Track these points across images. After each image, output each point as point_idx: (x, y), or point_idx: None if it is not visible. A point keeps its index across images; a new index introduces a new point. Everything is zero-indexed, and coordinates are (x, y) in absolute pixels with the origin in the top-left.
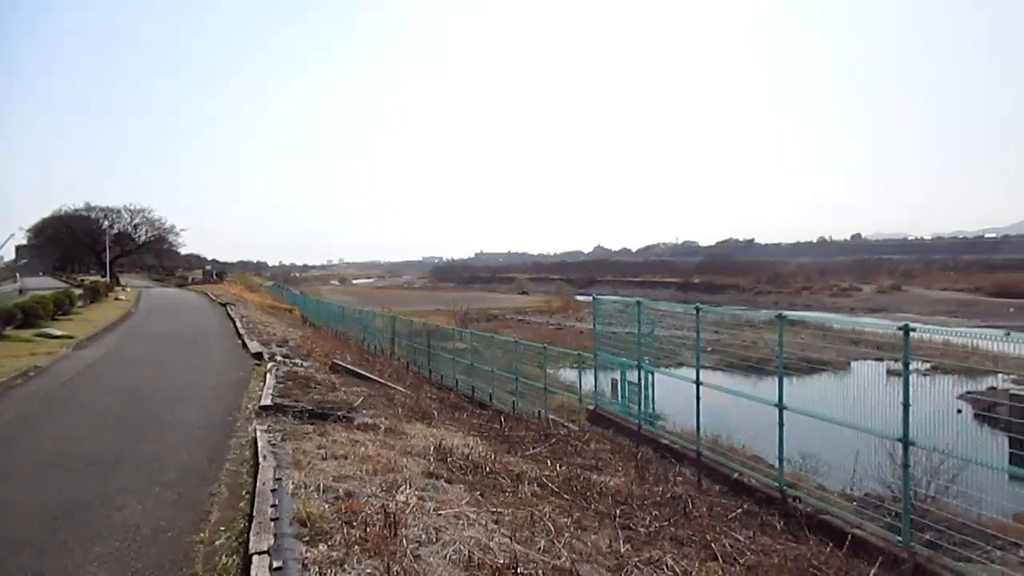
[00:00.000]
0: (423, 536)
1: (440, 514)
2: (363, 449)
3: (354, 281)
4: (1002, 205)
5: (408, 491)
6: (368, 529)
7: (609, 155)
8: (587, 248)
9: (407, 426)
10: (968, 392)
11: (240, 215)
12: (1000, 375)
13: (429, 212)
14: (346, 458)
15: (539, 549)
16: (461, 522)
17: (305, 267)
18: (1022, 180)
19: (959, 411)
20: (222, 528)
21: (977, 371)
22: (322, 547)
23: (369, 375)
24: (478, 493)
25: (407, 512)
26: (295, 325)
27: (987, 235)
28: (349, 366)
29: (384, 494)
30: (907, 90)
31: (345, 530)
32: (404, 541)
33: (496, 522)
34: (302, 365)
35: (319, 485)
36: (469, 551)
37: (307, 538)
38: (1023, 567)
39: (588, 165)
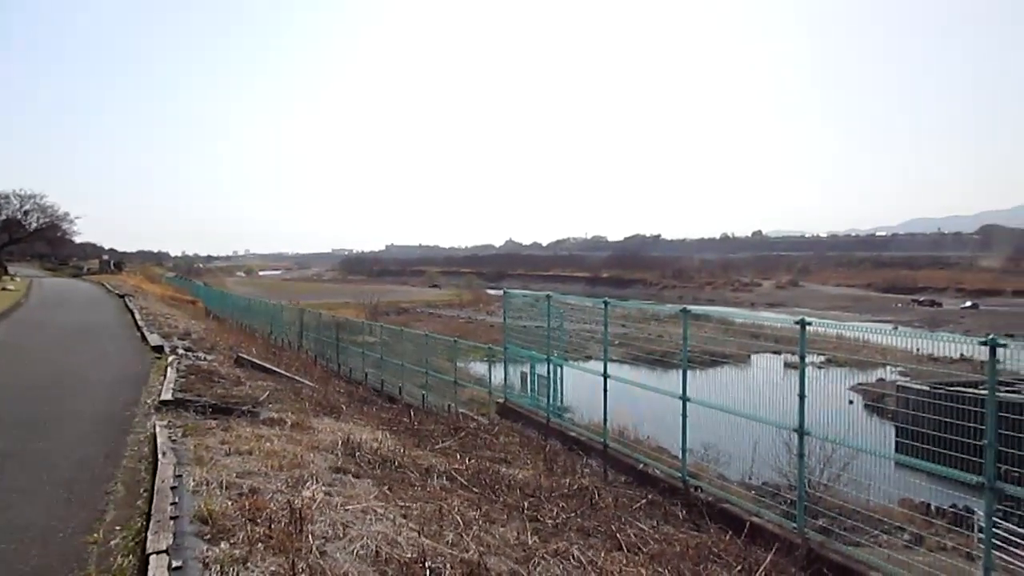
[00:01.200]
0: (330, 532)
1: (347, 509)
2: (269, 444)
3: (261, 273)
4: (893, 205)
5: (315, 486)
6: (273, 526)
7: (521, 150)
8: (498, 242)
9: (315, 421)
10: (859, 384)
11: (140, 203)
12: (888, 368)
13: (339, 204)
14: (251, 454)
15: (447, 543)
16: (369, 517)
17: (209, 258)
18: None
19: (851, 402)
20: (118, 527)
21: (868, 364)
22: (224, 545)
23: (276, 369)
24: (386, 487)
25: (313, 508)
26: (198, 317)
27: (878, 233)
28: (255, 360)
29: (290, 490)
30: (805, 94)
31: (249, 527)
32: (310, 537)
33: (405, 516)
34: (205, 359)
35: (222, 482)
36: (377, 546)
37: (208, 536)
38: (907, 550)
39: (500, 160)
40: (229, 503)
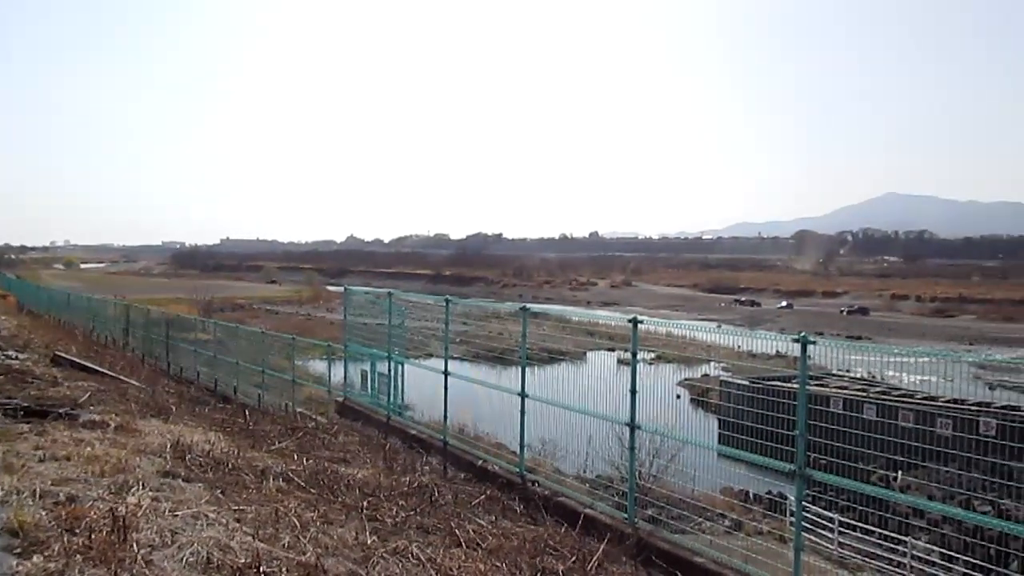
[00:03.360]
0: (157, 540)
1: (177, 515)
2: (89, 449)
3: (82, 265)
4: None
5: (141, 492)
6: (93, 536)
7: (364, 145)
8: (340, 238)
9: (141, 423)
10: (686, 379)
11: None
12: (712, 363)
13: (171, 194)
14: (69, 459)
15: (283, 546)
16: (200, 522)
17: (23, 248)
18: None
19: (678, 396)
20: None
21: (694, 360)
22: (37, 559)
23: (98, 368)
24: (219, 491)
25: (139, 515)
26: (9, 313)
27: (705, 236)
28: (75, 359)
29: (113, 497)
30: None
31: (66, 538)
32: (135, 546)
33: (238, 520)
34: (17, 358)
35: (35, 490)
36: (208, 552)
37: (19, 550)
38: (728, 535)
39: (343, 154)
40: (43, 513)
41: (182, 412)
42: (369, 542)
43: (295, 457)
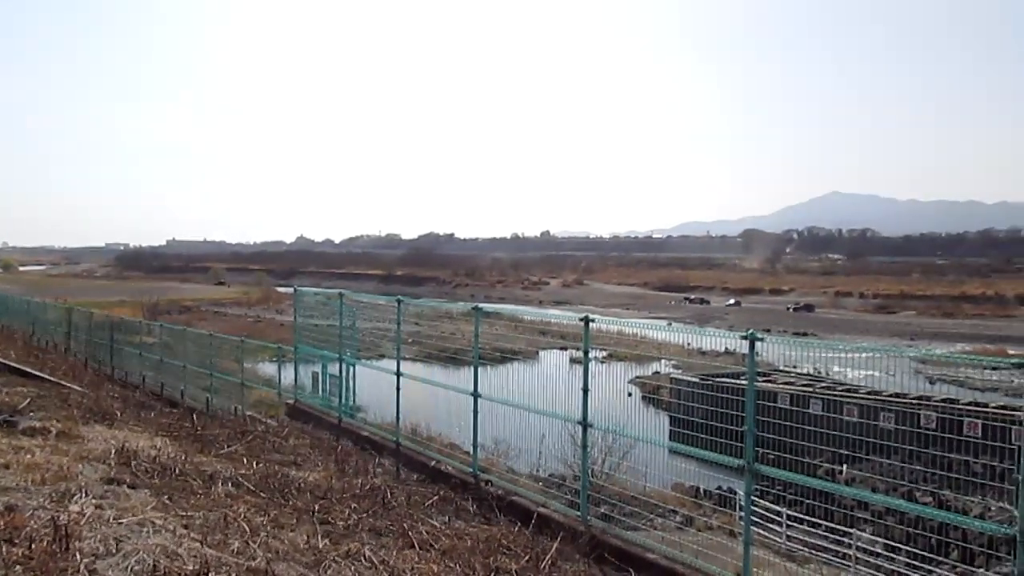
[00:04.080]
0: (101, 548)
1: (122, 523)
2: (29, 457)
3: (21, 268)
4: (668, 209)
5: (84, 500)
6: (34, 545)
7: (314, 145)
8: (289, 238)
9: (84, 429)
10: (637, 377)
11: None
12: (663, 361)
13: (115, 194)
14: (7, 468)
15: (233, 551)
16: (146, 530)
17: None
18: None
19: (630, 394)
20: None
21: (645, 358)
22: None
23: (38, 374)
24: (166, 497)
25: (82, 523)
26: None
27: (655, 235)
28: (13, 364)
29: (55, 505)
30: (589, 104)
31: (4, 549)
32: (78, 555)
33: (186, 527)
34: None
35: None
36: (154, 560)
37: None
38: (679, 531)
39: (292, 153)
40: None
41: (127, 417)
42: (321, 546)
43: (244, 461)
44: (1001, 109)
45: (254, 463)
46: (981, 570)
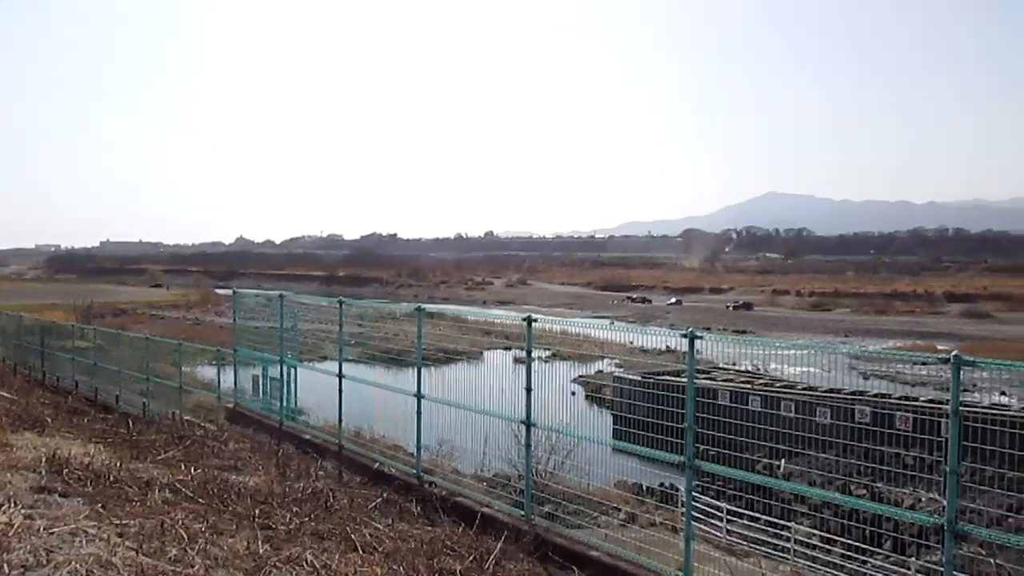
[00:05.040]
0: (31, 560)
1: (53, 533)
2: None
3: None
4: (610, 209)
5: (12, 510)
6: None
7: (254, 144)
8: (228, 239)
9: (13, 436)
10: (581, 376)
11: None
12: (606, 360)
13: (45, 193)
14: None
15: (170, 559)
16: (78, 539)
17: None
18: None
19: (573, 393)
20: None
21: (588, 357)
22: None
23: None
24: (100, 505)
25: (11, 534)
26: None
27: (597, 235)
28: None
29: None
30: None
31: None
32: (6, 567)
33: (121, 535)
34: None
35: None
36: (87, 570)
37: None
38: (623, 528)
39: (231, 153)
40: None
41: (59, 424)
42: (261, 551)
43: (182, 467)
44: (930, 112)
45: (192, 469)
46: (912, 559)
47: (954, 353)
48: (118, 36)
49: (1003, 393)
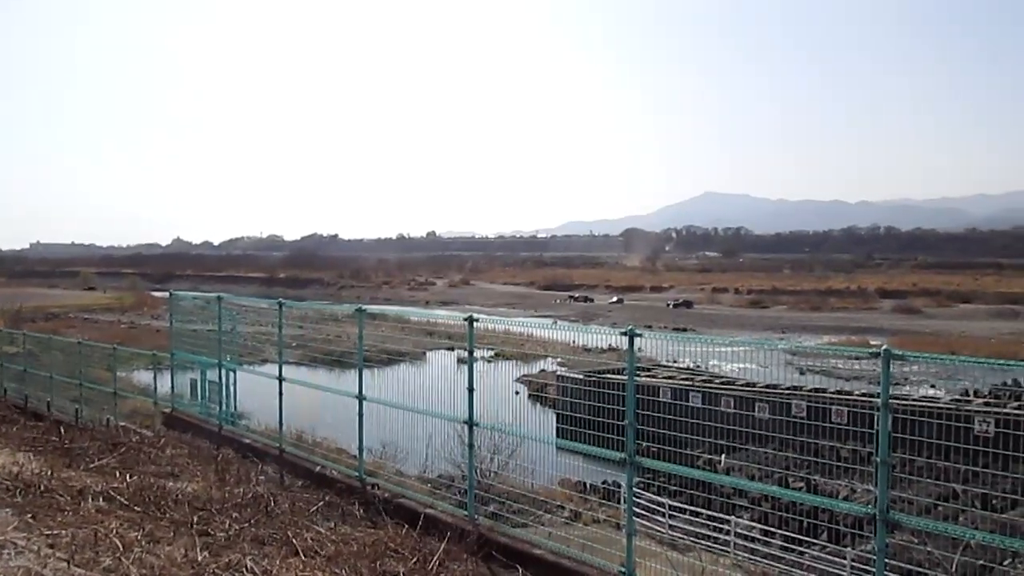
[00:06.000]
0: None
1: None
2: None
3: None
4: (552, 208)
5: None
6: None
7: (192, 144)
8: (165, 240)
9: None
10: (525, 375)
11: None
12: (550, 359)
13: None
14: None
15: (103, 569)
16: (7, 552)
17: None
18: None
19: (517, 393)
20: None
21: (532, 356)
22: None
23: None
24: (30, 516)
25: None
26: None
27: (540, 235)
28: None
29: None
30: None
31: None
32: None
33: (52, 546)
34: None
35: None
36: None
37: None
38: (567, 525)
39: (168, 152)
40: None
41: None
42: (200, 559)
43: (117, 474)
44: (862, 114)
45: (127, 476)
46: (848, 549)
47: (884, 347)
48: (40, 31)
49: (933, 386)
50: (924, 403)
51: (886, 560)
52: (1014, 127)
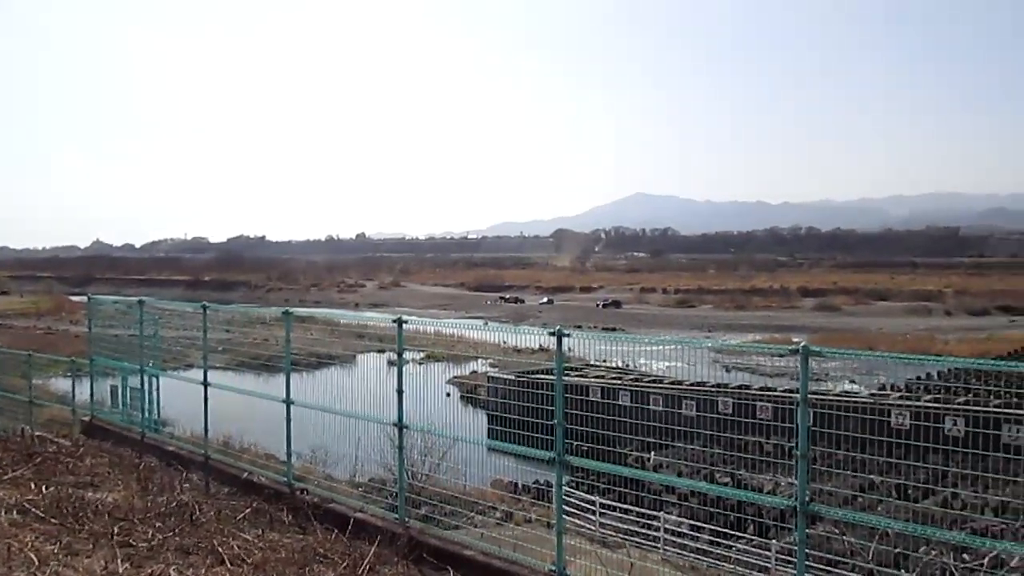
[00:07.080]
0: None
1: None
2: None
3: None
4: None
5: None
6: None
7: (110, 142)
8: (84, 243)
9: None
10: (456, 376)
11: None
12: (480, 360)
13: None
14: None
15: None
16: None
17: None
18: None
19: (448, 394)
20: None
21: (463, 357)
22: None
23: None
24: None
25: None
26: None
27: (470, 236)
28: None
29: None
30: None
31: None
32: None
33: None
34: None
35: None
36: None
37: None
38: (499, 526)
39: (85, 151)
40: None
41: None
42: (121, 570)
43: (32, 485)
44: (785, 115)
45: (44, 487)
46: (773, 541)
47: (802, 344)
48: None
49: (852, 381)
50: (844, 398)
51: (807, 551)
52: (933, 128)
